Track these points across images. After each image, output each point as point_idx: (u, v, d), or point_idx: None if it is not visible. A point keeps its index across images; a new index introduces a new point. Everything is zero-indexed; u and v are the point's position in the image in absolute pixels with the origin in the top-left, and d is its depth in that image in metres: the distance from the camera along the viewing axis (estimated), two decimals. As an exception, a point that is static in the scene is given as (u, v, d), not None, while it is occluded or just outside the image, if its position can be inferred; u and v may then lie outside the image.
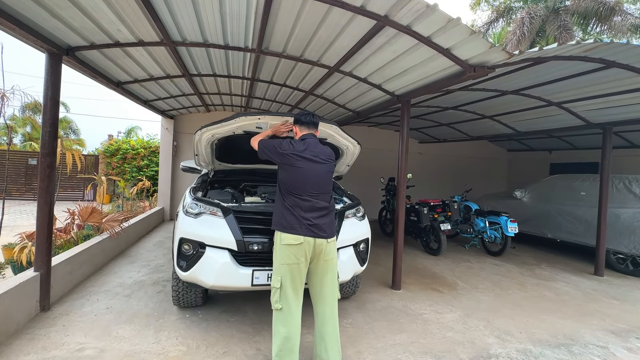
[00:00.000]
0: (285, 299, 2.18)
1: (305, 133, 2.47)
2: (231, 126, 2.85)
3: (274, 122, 2.79)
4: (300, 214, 2.23)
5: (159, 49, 3.71)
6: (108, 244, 4.58)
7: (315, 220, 2.25)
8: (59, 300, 3.26)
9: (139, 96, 5.74)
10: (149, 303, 3.31)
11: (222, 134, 3.03)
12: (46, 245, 2.98)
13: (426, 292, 4.05)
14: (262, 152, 2.45)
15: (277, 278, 2.21)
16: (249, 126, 2.87)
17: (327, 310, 2.27)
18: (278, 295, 2.19)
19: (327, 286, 2.30)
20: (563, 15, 14.00)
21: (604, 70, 3.55)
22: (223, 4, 2.71)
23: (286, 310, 2.17)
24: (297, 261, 2.19)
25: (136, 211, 7.36)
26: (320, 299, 2.30)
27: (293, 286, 2.21)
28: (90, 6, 2.60)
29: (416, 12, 2.40)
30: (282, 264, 2.21)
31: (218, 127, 2.87)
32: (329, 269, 2.30)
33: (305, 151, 2.33)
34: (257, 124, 2.83)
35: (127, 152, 11.84)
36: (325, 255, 2.26)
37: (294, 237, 2.19)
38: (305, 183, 2.28)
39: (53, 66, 3.01)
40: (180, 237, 2.63)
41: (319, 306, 2.30)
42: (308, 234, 2.21)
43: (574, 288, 4.46)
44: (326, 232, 2.28)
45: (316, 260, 2.26)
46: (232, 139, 3.20)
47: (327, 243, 2.27)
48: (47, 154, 2.99)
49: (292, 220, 2.23)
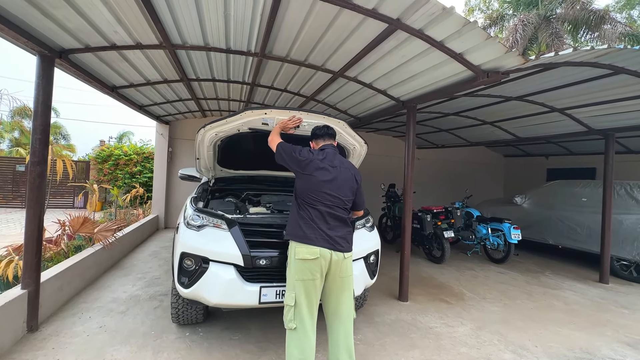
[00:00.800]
0: (300, 318, 2.03)
1: (322, 144, 2.42)
2: (236, 122, 2.70)
3: (280, 117, 2.65)
4: (318, 224, 2.11)
5: (157, 52, 3.56)
6: (101, 256, 4.35)
7: (332, 233, 2.12)
8: (48, 319, 3.04)
9: (135, 101, 5.56)
10: (145, 320, 3.11)
11: (226, 132, 2.86)
12: (35, 260, 2.78)
13: (434, 303, 3.92)
14: (279, 156, 2.35)
15: (291, 295, 2.06)
16: (255, 122, 2.72)
17: (342, 331, 2.12)
18: (292, 313, 2.04)
19: (344, 305, 2.16)
20: (555, 23, 14.27)
21: (611, 76, 3.51)
22: (228, 6, 2.59)
23: (301, 330, 2.02)
24: (313, 277, 2.05)
25: (130, 219, 7.11)
26: (337, 319, 2.15)
27: (308, 304, 2.06)
28: (86, 5, 2.45)
29: (431, 15, 2.31)
30: (297, 280, 2.06)
31: (222, 123, 2.72)
32: (345, 287, 2.16)
33: (324, 160, 2.25)
34: (263, 119, 2.68)
35: (119, 158, 11.55)
36: (342, 272, 2.13)
37: (310, 251, 2.05)
38: (321, 193, 2.16)
39: (45, 69, 2.84)
40: (181, 251, 2.46)
41: (334, 326, 2.15)
42: (325, 245, 2.08)
43: (582, 297, 4.38)
44: (343, 246, 2.15)
45: (332, 277, 2.12)
46: (234, 143, 3.04)
47: (344, 258, 2.14)
48: (37, 163, 2.80)
49: (308, 230, 2.09)
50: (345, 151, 3.29)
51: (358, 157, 3.34)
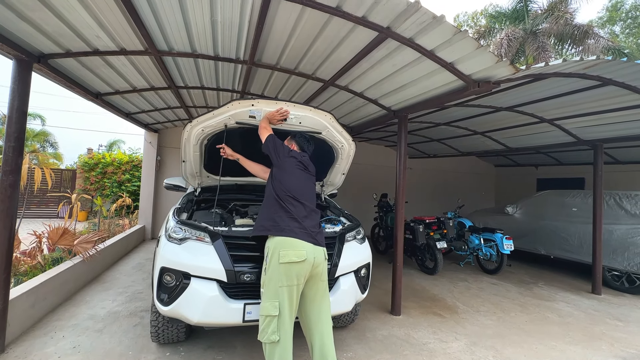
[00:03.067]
0: (283, 329, 1.90)
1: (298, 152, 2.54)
2: (224, 115, 2.64)
3: (268, 108, 2.63)
4: (300, 217, 2.06)
5: (142, 59, 3.46)
6: (80, 269, 4.14)
7: (312, 229, 2.10)
8: (17, 339, 2.83)
9: (121, 108, 5.42)
10: (123, 339, 2.93)
11: (213, 128, 2.77)
12: (3, 277, 2.59)
13: (427, 317, 3.81)
14: (267, 146, 2.40)
15: (274, 304, 1.92)
16: (242, 114, 2.65)
17: (326, 342, 2.01)
18: (275, 324, 1.90)
19: (325, 313, 2.06)
20: (541, 37, 14.68)
21: (600, 87, 3.54)
22: (215, 11, 2.52)
23: (283, 341, 1.89)
24: (298, 282, 1.95)
25: (114, 230, 6.87)
26: (318, 329, 2.02)
27: (290, 312, 1.95)
28: (64, 8, 2.35)
29: (421, 24, 2.28)
30: (281, 287, 1.93)
31: (209, 117, 2.65)
32: (326, 292, 2.09)
33: (304, 158, 2.43)
34: (250, 111, 2.63)
35: (107, 166, 11.29)
36: (322, 275, 2.07)
37: (297, 254, 1.95)
38: (302, 189, 2.22)
39: (21, 74, 2.71)
40: (161, 266, 2.31)
41: (317, 337, 2.02)
42: (306, 239, 2.02)
43: (575, 308, 4.33)
44: (320, 243, 2.13)
45: (314, 280, 2.03)
46: (221, 144, 2.92)
47: (323, 260, 2.09)
48: (9, 172, 2.65)
49: (291, 223, 2.02)
50: (334, 150, 3.21)
51: (347, 158, 3.26)
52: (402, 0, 2.06)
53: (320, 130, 2.90)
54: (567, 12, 14.59)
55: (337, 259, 2.58)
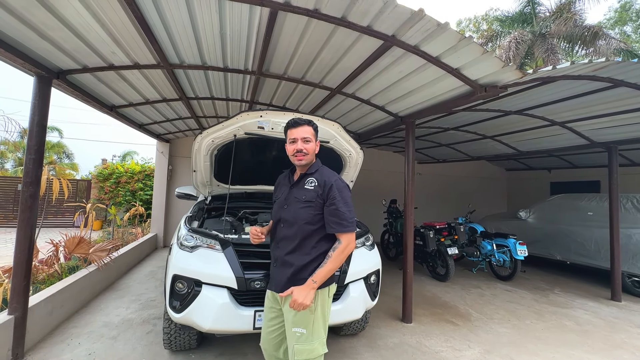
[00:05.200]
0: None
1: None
2: (233, 126, 2.69)
3: (276, 119, 2.67)
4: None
5: (155, 72, 3.58)
6: (95, 277, 4.24)
7: None
8: (36, 346, 2.91)
9: (134, 120, 5.59)
10: (137, 346, 2.97)
11: (223, 139, 2.83)
12: (23, 284, 2.68)
13: (439, 324, 3.75)
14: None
15: (323, 341, 1.77)
16: (251, 125, 2.70)
17: None
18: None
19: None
20: (549, 40, 14.52)
21: (611, 89, 3.49)
22: (224, 25, 2.61)
23: None
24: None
25: (127, 239, 7.01)
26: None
27: None
28: (82, 27, 2.47)
29: (426, 32, 2.31)
30: (326, 321, 1.83)
31: (219, 129, 2.71)
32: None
33: None
34: (259, 122, 2.68)
35: (121, 176, 11.56)
36: None
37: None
38: None
39: (42, 90, 2.84)
40: (173, 273, 2.36)
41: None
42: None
43: (594, 316, 4.19)
44: None
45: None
46: (231, 155, 2.98)
47: None
48: (30, 183, 2.76)
49: None
50: (342, 159, 3.23)
51: (355, 166, 3.27)
52: (406, 9, 2.09)
53: (328, 139, 2.94)
54: (576, 13, 14.41)
55: (346, 266, 2.58)
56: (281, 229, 1.87)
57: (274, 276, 1.87)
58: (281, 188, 2.02)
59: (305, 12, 2.24)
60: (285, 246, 1.83)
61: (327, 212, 1.77)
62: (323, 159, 2.84)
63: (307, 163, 1.86)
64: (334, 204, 1.75)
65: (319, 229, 1.78)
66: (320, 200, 1.78)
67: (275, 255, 1.89)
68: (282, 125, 2.70)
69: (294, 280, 1.76)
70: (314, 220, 1.78)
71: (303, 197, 1.81)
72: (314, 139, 1.86)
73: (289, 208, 1.84)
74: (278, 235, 1.89)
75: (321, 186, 1.80)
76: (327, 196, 1.77)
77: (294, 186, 1.90)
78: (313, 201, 1.78)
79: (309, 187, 1.81)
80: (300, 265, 1.76)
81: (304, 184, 1.85)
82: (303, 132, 1.83)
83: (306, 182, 1.84)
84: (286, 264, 1.80)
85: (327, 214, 1.77)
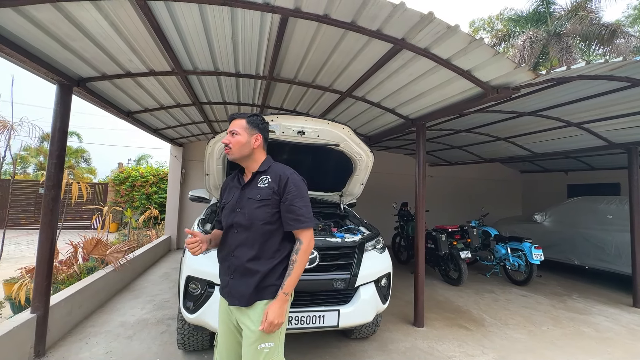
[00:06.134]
0: None
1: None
2: None
3: (286, 123, 2.68)
4: None
5: (169, 78, 3.69)
6: (112, 278, 4.36)
7: None
8: (56, 344, 3.01)
9: (149, 125, 5.74)
10: (151, 346, 3.04)
11: None
12: (45, 284, 2.79)
13: (452, 329, 3.70)
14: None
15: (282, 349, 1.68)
16: None
17: None
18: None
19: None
20: (565, 39, 14.19)
21: (629, 89, 3.39)
22: (236, 32, 2.67)
23: None
24: None
25: (142, 241, 7.17)
26: None
27: None
28: (102, 37, 2.57)
29: (436, 34, 2.31)
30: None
31: None
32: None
33: None
34: (270, 126, 2.70)
35: (136, 179, 11.87)
36: None
37: None
38: None
39: (63, 97, 2.97)
40: (187, 275, 2.42)
41: None
42: None
43: (615, 323, 4.05)
44: None
45: None
46: None
47: None
48: (52, 187, 2.88)
49: None
50: (352, 162, 3.24)
51: (365, 169, 3.28)
52: (416, 13, 2.10)
53: (338, 142, 2.96)
54: (592, 11, 14.04)
55: (356, 269, 2.58)
56: (235, 235, 1.66)
57: (234, 289, 1.63)
58: (230, 191, 1.81)
59: (316, 18, 2.28)
60: (244, 253, 1.63)
61: (283, 208, 1.64)
62: (334, 161, 2.86)
63: (239, 158, 1.71)
64: (289, 199, 1.63)
65: (278, 229, 1.65)
66: (277, 197, 1.65)
67: (231, 265, 1.66)
68: (293, 129, 2.74)
69: (261, 288, 1.60)
70: (273, 219, 1.64)
71: (258, 196, 1.65)
72: (244, 132, 1.68)
73: (243, 211, 1.65)
74: (231, 242, 1.67)
75: (276, 181, 1.66)
76: (282, 191, 1.64)
77: (246, 187, 1.72)
78: (269, 199, 1.63)
79: (263, 185, 1.67)
80: (266, 271, 1.60)
81: (257, 183, 1.69)
82: (233, 125, 1.70)
83: (259, 181, 1.69)
84: (248, 273, 1.61)
85: (283, 211, 1.64)
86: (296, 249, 1.62)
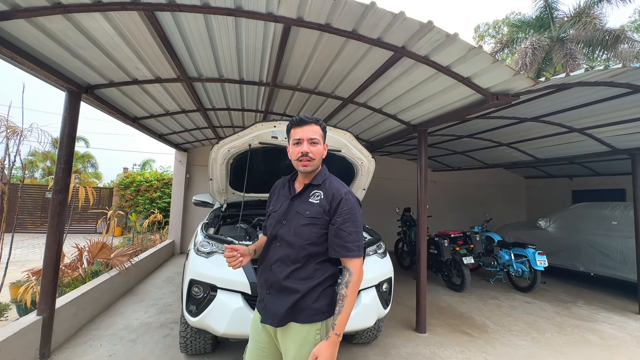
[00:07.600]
0: None
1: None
2: (248, 136, 2.81)
3: None
4: None
5: (175, 85, 3.76)
6: (116, 281, 4.41)
7: None
8: (61, 347, 3.05)
9: (155, 130, 5.83)
10: (154, 349, 3.07)
11: (238, 148, 2.96)
12: (51, 286, 2.84)
13: (454, 335, 3.68)
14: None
15: None
16: (265, 135, 2.82)
17: None
18: None
19: None
20: (568, 44, 14.19)
21: (630, 95, 3.40)
22: (240, 40, 2.74)
23: None
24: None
25: (146, 245, 7.23)
26: None
27: None
28: (110, 46, 2.65)
29: (435, 42, 2.35)
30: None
31: (234, 138, 2.83)
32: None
33: None
34: (272, 132, 2.78)
35: (140, 184, 11.99)
36: None
37: None
38: None
39: (72, 104, 3.05)
40: (190, 278, 2.45)
41: None
42: None
43: (620, 330, 4.00)
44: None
45: None
46: (246, 164, 3.08)
47: None
48: (59, 191, 2.94)
49: None
50: (354, 167, 3.27)
51: (367, 174, 3.30)
52: (415, 22, 2.14)
53: (340, 148, 3.00)
54: (595, 17, 14.05)
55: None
56: (277, 248, 1.52)
57: (269, 307, 1.48)
58: (279, 198, 1.66)
59: (317, 27, 2.34)
60: (282, 270, 1.48)
61: (331, 231, 1.46)
62: (336, 167, 2.90)
63: (313, 170, 1.54)
64: (339, 221, 1.45)
65: (325, 252, 1.50)
66: (327, 217, 1.48)
67: (268, 279, 1.52)
68: None
69: (296, 310, 1.44)
70: (319, 240, 1.47)
71: (307, 212, 1.49)
72: (322, 140, 1.53)
73: (289, 224, 1.51)
74: (272, 255, 1.54)
75: (328, 200, 1.49)
76: (334, 212, 1.47)
77: (296, 198, 1.57)
78: (319, 217, 1.47)
79: (314, 201, 1.50)
80: (303, 291, 1.44)
81: (308, 197, 1.53)
82: (310, 132, 1.49)
83: (311, 195, 1.53)
84: (285, 290, 1.46)
85: (331, 234, 1.46)
86: (346, 282, 1.41)
